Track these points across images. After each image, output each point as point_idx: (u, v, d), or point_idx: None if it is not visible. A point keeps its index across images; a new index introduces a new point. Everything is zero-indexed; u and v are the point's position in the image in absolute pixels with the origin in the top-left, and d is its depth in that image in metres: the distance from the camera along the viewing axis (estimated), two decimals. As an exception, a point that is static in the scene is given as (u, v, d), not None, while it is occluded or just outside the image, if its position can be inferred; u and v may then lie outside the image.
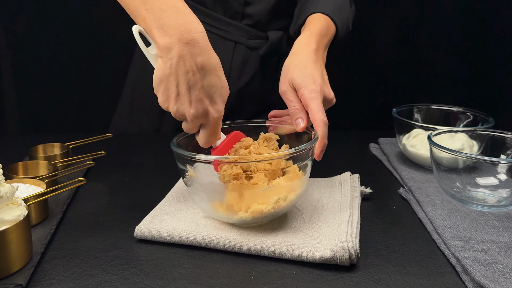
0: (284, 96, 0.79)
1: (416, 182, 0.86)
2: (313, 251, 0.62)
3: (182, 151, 0.67)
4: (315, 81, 0.77)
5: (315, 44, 0.83)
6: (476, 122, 0.98)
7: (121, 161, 0.99)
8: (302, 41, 0.84)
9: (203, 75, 0.63)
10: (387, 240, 0.69)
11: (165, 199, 0.78)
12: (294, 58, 0.81)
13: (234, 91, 1.08)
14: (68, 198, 0.80)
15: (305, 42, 0.83)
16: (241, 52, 1.06)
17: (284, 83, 0.79)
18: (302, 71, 0.78)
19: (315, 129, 0.74)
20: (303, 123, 0.75)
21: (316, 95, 0.75)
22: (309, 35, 0.85)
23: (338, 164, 0.94)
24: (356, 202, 0.76)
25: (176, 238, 0.67)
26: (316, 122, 0.74)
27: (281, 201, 0.66)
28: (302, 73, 0.78)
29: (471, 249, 0.64)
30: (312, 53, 0.81)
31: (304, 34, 0.86)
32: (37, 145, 0.94)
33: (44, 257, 0.64)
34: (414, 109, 1.04)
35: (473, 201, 0.76)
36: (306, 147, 0.67)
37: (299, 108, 0.77)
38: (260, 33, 1.06)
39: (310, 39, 0.84)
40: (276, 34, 1.06)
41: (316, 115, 0.74)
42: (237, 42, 1.05)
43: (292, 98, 0.78)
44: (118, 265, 0.62)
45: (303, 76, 0.77)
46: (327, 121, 0.74)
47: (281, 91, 0.80)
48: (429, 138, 0.81)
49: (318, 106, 0.75)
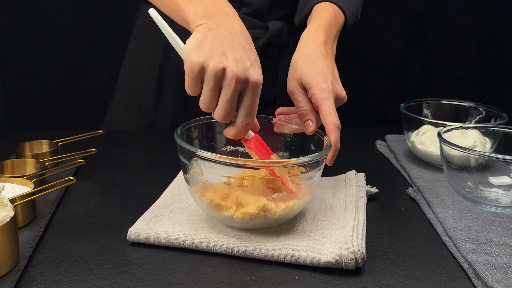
0: (293, 96, 0.78)
1: (426, 181, 0.86)
2: (316, 255, 0.62)
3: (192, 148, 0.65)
4: (326, 79, 0.75)
5: (324, 37, 0.82)
6: (489, 118, 0.98)
7: (113, 159, 0.99)
8: (310, 34, 0.83)
9: (244, 40, 0.65)
10: (394, 243, 0.69)
11: (160, 200, 0.78)
12: (302, 53, 0.80)
13: None
14: (57, 199, 0.80)
15: (313, 35, 0.82)
16: None
17: (292, 82, 0.78)
18: (311, 68, 0.77)
19: (327, 133, 0.73)
20: (313, 126, 0.75)
21: (327, 95, 0.74)
22: (317, 27, 0.83)
23: (342, 162, 0.93)
24: (361, 203, 0.76)
25: (172, 241, 0.66)
26: (328, 126, 0.73)
27: (290, 207, 0.67)
28: (312, 70, 0.76)
29: (483, 253, 0.64)
30: (321, 46, 0.80)
31: (311, 25, 0.85)
32: (24, 142, 0.94)
33: (31, 261, 0.64)
34: (423, 104, 1.04)
35: (486, 201, 0.76)
36: (319, 156, 0.67)
37: (308, 109, 0.76)
38: (259, 22, 1.05)
39: (319, 31, 0.83)
40: (276, 25, 1.05)
41: (328, 118, 0.73)
42: None
43: (301, 98, 0.77)
44: (110, 269, 0.62)
45: (312, 74, 0.76)
46: (340, 124, 0.73)
47: (289, 90, 0.79)
48: (439, 135, 0.80)
49: (329, 108, 0.73)
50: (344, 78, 0.84)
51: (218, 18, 0.65)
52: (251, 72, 0.63)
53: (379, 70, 1.80)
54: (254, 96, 0.64)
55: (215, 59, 0.62)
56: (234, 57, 0.63)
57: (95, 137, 1.01)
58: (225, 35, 0.64)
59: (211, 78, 0.62)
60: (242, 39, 0.65)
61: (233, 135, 0.66)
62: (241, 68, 0.62)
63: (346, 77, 0.86)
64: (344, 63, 0.88)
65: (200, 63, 0.62)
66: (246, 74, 0.63)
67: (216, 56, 0.62)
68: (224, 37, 0.64)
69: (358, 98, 1.72)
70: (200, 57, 0.62)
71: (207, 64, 0.62)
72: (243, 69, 0.63)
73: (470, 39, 1.74)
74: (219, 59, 0.62)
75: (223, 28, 0.65)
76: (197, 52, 0.63)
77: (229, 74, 0.62)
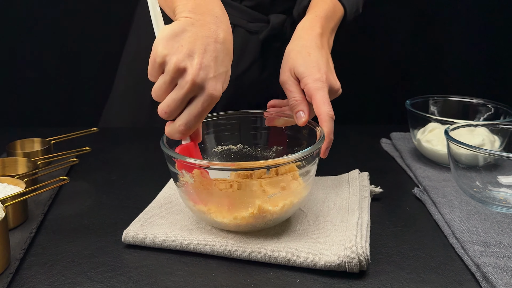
0: (284, 86, 0.78)
1: (432, 181, 0.86)
2: (319, 257, 0.62)
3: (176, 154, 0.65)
4: (319, 69, 0.76)
5: (320, 28, 0.82)
6: (498, 115, 0.98)
7: (108, 158, 0.99)
8: (306, 25, 0.83)
9: (220, 49, 0.64)
10: (400, 244, 0.69)
11: (156, 200, 0.78)
12: (296, 43, 0.80)
13: (232, 78, 1.07)
14: (50, 199, 0.80)
15: (309, 26, 0.83)
16: (239, 36, 1.05)
17: (285, 71, 0.79)
18: (305, 58, 0.77)
19: (320, 124, 0.73)
20: (305, 117, 0.75)
21: (321, 85, 0.75)
22: (314, 18, 0.84)
23: (345, 161, 0.93)
24: (365, 203, 0.76)
25: (168, 243, 0.66)
26: (322, 116, 0.73)
27: (286, 205, 0.66)
28: (305, 60, 0.77)
29: (492, 255, 0.64)
30: (316, 37, 0.81)
31: (307, 17, 0.86)
32: (15, 140, 0.94)
33: (23, 263, 0.64)
34: (429, 101, 1.04)
35: (495, 202, 0.76)
36: (313, 150, 0.66)
37: (300, 100, 0.76)
38: (261, 15, 1.05)
39: (315, 22, 0.83)
40: (278, 18, 1.05)
41: (322, 107, 0.73)
42: (236, 25, 1.05)
43: (293, 88, 0.77)
44: (105, 272, 0.62)
45: (306, 63, 0.76)
46: (334, 114, 0.74)
47: (282, 80, 0.79)
48: (446, 133, 0.80)
49: (323, 98, 0.74)
50: (348, 75, 0.84)
51: (205, 18, 0.65)
52: (210, 84, 0.63)
53: (384, 65, 1.79)
54: (203, 107, 0.64)
55: (179, 56, 0.62)
56: (200, 62, 0.62)
57: (89, 135, 1.01)
58: (204, 37, 0.63)
59: (169, 73, 0.62)
60: (219, 47, 0.64)
61: (166, 133, 0.67)
62: (202, 75, 0.62)
63: (350, 74, 0.87)
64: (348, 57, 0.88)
65: (164, 55, 0.62)
66: (204, 83, 0.63)
67: (182, 54, 0.62)
68: (201, 38, 0.63)
69: (362, 95, 1.72)
70: (166, 50, 0.62)
71: (170, 58, 0.62)
72: (204, 77, 0.62)
73: (478, 33, 1.74)
74: (184, 58, 0.62)
75: (205, 30, 0.64)
76: (167, 44, 0.63)
77: (187, 77, 0.62)
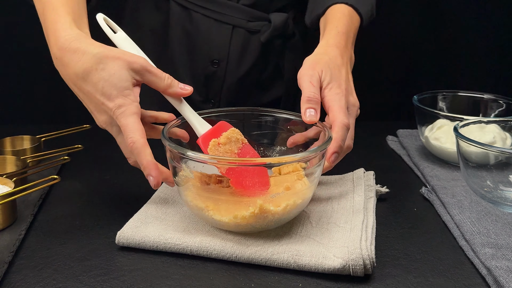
0: (304, 78, 0.76)
1: (441, 180, 0.86)
2: (322, 260, 0.62)
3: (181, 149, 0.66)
4: (340, 85, 0.77)
5: (344, 47, 0.84)
6: (510, 112, 0.98)
7: (101, 156, 0.99)
8: (330, 42, 0.84)
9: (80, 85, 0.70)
10: (407, 247, 0.69)
11: (151, 200, 0.78)
12: (322, 56, 0.80)
13: (234, 81, 1.08)
14: (40, 199, 0.80)
15: (333, 43, 0.83)
16: (240, 37, 1.05)
17: (312, 68, 0.77)
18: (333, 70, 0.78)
19: (332, 130, 0.72)
20: (314, 116, 0.73)
21: (340, 98, 0.75)
22: (336, 35, 0.85)
23: (350, 159, 0.93)
24: (371, 204, 0.76)
25: (164, 245, 0.66)
26: (336, 122, 0.72)
27: (289, 206, 0.67)
28: (333, 72, 0.78)
29: (503, 258, 0.64)
30: (340, 57, 0.81)
31: (330, 33, 0.86)
32: (4, 137, 0.94)
33: (12, 266, 0.64)
34: (438, 96, 1.04)
35: (507, 202, 0.76)
36: (316, 151, 0.66)
37: (317, 97, 0.74)
38: (261, 13, 1.05)
39: (338, 39, 0.84)
40: (279, 18, 1.05)
41: (337, 115, 0.73)
42: (235, 26, 1.04)
43: (316, 84, 0.75)
44: (97, 276, 0.62)
45: (333, 75, 0.77)
46: (349, 125, 0.73)
47: (303, 74, 0.77)
48: (456, 130, 0.80)
49: (341, 108, 0.74)
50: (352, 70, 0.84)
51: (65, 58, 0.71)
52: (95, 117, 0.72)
53: (391, 59, 1.79)
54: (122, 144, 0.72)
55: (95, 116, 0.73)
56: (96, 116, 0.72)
57: (81, 132, 1.01)
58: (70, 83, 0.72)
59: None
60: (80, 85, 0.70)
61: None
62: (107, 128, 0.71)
63: (355, 68, 0.87)
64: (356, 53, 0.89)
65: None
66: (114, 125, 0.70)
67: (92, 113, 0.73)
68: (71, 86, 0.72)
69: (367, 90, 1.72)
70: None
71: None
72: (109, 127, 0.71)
73: (488, 25, 1.74)
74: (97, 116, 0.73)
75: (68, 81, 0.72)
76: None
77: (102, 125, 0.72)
